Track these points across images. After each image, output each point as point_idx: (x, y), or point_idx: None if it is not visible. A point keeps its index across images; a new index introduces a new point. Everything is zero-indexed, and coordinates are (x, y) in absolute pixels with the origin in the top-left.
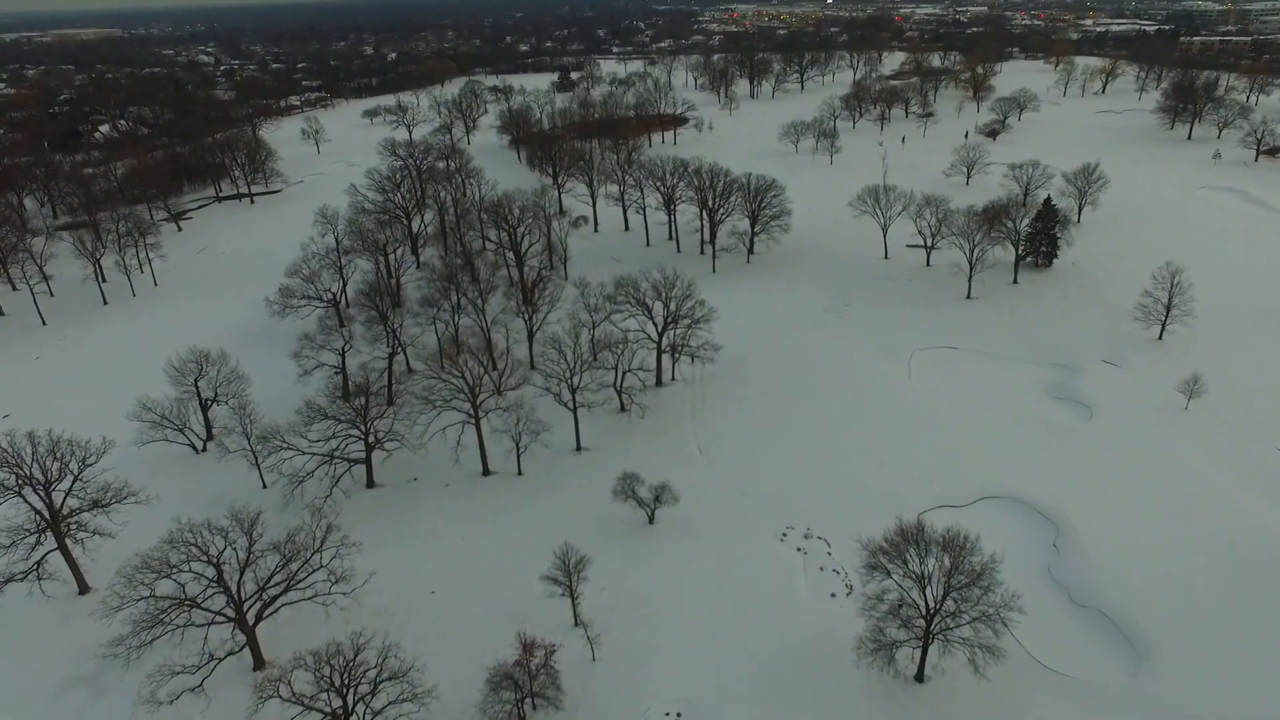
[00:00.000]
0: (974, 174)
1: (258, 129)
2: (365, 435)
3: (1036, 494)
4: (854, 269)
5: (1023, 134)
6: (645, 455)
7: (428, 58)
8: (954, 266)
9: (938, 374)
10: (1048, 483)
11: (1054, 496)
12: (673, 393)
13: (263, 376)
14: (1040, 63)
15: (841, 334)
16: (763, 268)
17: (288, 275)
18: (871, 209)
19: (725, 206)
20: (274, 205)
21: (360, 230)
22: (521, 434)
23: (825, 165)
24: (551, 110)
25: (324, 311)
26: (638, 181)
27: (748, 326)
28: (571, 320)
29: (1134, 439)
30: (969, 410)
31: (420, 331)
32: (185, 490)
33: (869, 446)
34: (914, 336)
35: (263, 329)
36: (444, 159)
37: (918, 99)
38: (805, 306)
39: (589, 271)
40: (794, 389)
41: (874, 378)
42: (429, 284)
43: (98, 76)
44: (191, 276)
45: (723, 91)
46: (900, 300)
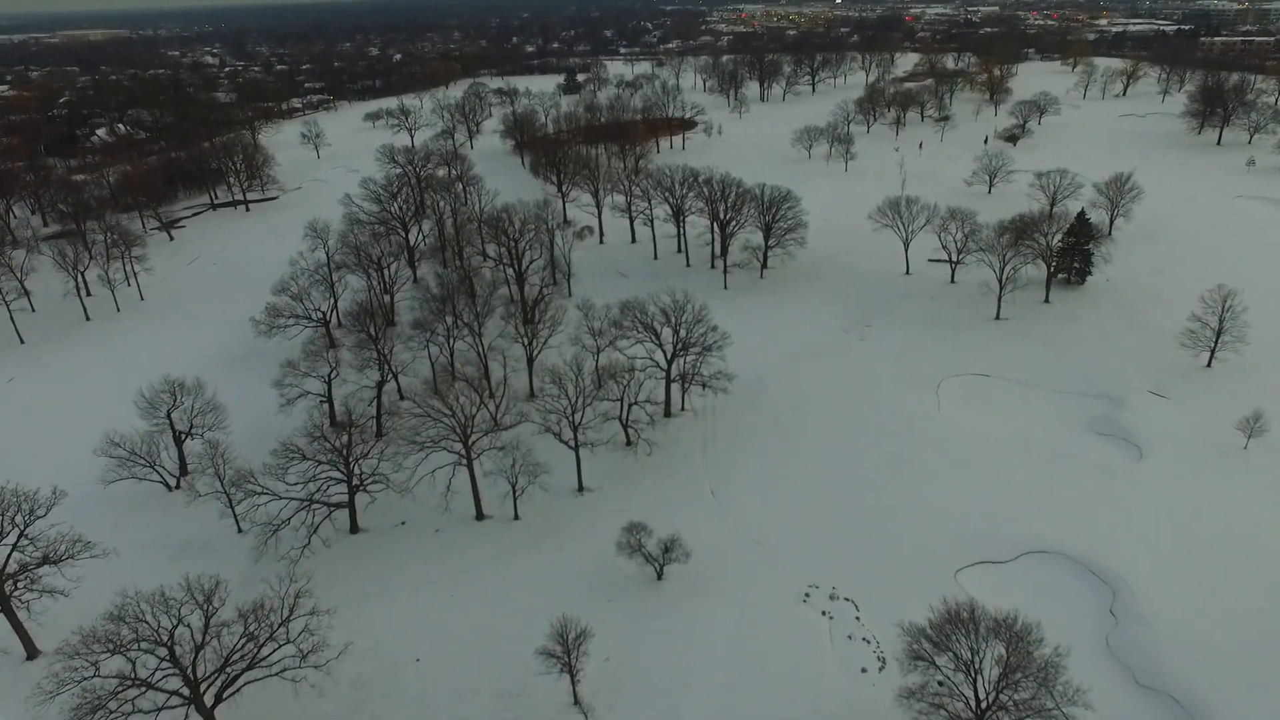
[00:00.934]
0: (996, 182)
1: (257, 133)
2: (348, 477)
3: (1086, 549)
4: (873, 285)
5: (1044, 139)
6: (653, 498)
7: (432, 59)
8: (982, 285)
9: (969, 405)
10: (1098, 535)
11: (1106, 552)
12: (682, 425)
13: (244, 404)
14: (1057, 64)
15: (862, 358)
16: (777, 284)
17: (275, 293)
18: (892, 222)
19: (737, 219)
20: (270, 213)
21: (353, 244)
22: (518, 477)
23: (840, 172)
24: (557, 114)
25: (313, 332)
26: (645, 192)
27: (762, 349)
28: (574, 344)
29: (1191, 484)
30: (1006, 448)
31: (412, 358)
32: (153, 534)
33: (897, 490)
34: (941, 362)
35: (248, 349)
36: (445, 164)
37: (933, 102)
38: (823, 327)
39: (594, 287)
40: (813, 421)
41: (900, 410)
42: (423, 305)
43: (101, 78)
44: (179, 290)
45: (732, 94)
46: (924, 320)
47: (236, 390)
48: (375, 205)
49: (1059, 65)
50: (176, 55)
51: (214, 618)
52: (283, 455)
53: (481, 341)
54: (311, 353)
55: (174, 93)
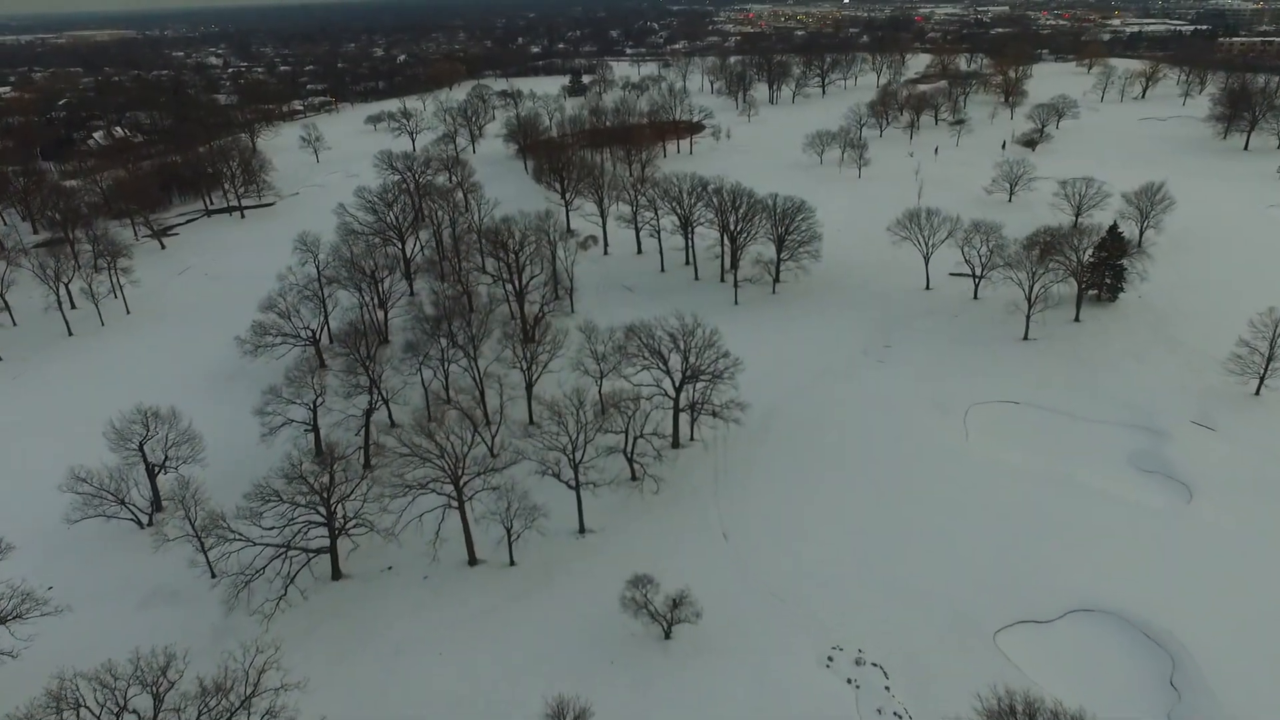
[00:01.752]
0: (1017, 190)
1: (256, 136)
2: (329, 521)
3: (1139, 607)
4: (892, 302)
5: (1063, 143)
6: (660, 540)
7: (436, 60)
8: (1009, 304)
9: (1000, 435)
10: (1150, 590)
11: (1161, 611)
12: (692, 457)
13: (226, 431)
14: (1072, 65)
15: (883, 382)
16: (790, 299)
17: (262, 310)
18: (912, 235)
19: (748, 231)
20: (266, 220)
21: (344, 258)
22: (514, 520)
23: (853, 178)
24: (561, 118)
25: (301, 351)
26: (651, 201)
27: (776, 372)
28: (576, 369)
29: (1250, 530)
30: (1042, 486)
31: (403, 385)
32: (120, 579)
33: (926, 535)
34: (967, 386)
35: (234, 369)
36: (446, 169)
37: (948, 105)
38: (840, 347)
39: (598, 302)
40: (832, 453)
41: (925, 440)
42: (416, 325)
43: (103, 80)
44: (167, 302)
45: (740, 96)
46: (947, 340)
47: (219, 415)
48: (370, 215)
49: (1074, 66)
50: (181, 56)
51: (168, 695)
52: (257, 498)
53: (477, 365)
54: (295, 379)
55: (173, 95)
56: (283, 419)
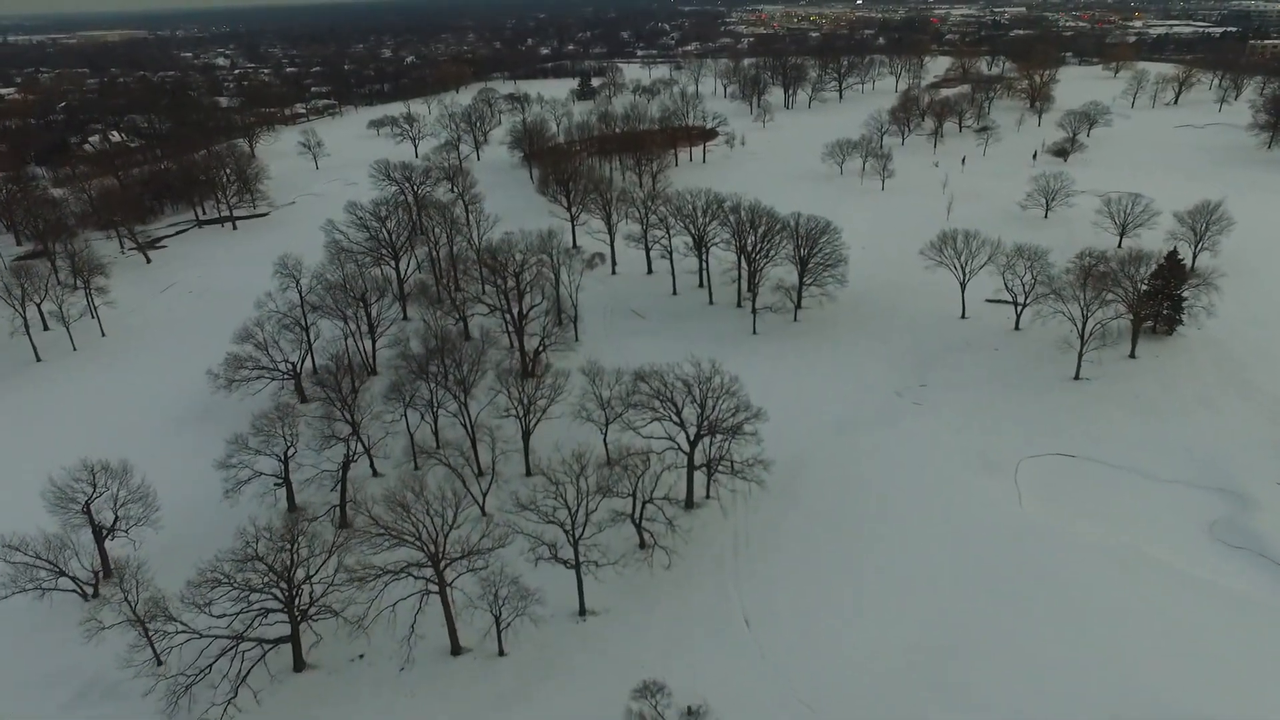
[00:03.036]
0: (1054, 206)
1: (255, 141)
2: (290, 603)
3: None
4: (925, 332)
5: (1097, 153)
6: (672, 628)
7: (443, 62)
8: (1059, 340)
9: (1057, 498)
10: (1244, 699)
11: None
12: (708, 521)
13: (187, 484)
14: (1097, 69)
15: (921, 430)
16: (814, 328)
17: (238, 341)
18: (948, 260)
19: (767, 252)
20: (259, 231)
21: (331, 283)
22: (503, 607)
23: (876, 190)
24: (569, 124)
25: (279, 387)
26: (663, 220)
27: (800, 416)
28: (578, 416)
29: None
30: (1111, 564)
31: (384, 434)
32: (52, 667)
33: (981, 627)
34: (1016, 436)
35: (207, 404)
36: (447, 178)
37: (972, 111)
38: (871, 386)
39: (604, 330)
40: (867, 517)
41: (972, 504)
42: (401, 363)
43: (109, 81)
44: (145, 324)
45: (755, 101)
46: (989, 379)
47: (183, 461)
48: (363, 232)
49: (1100, 70)
50: (189, 57)
51: None
52: (205, 583)
53: (468, 411)
54: (262, 428)
55: (173, 98)
56: (250, 471)
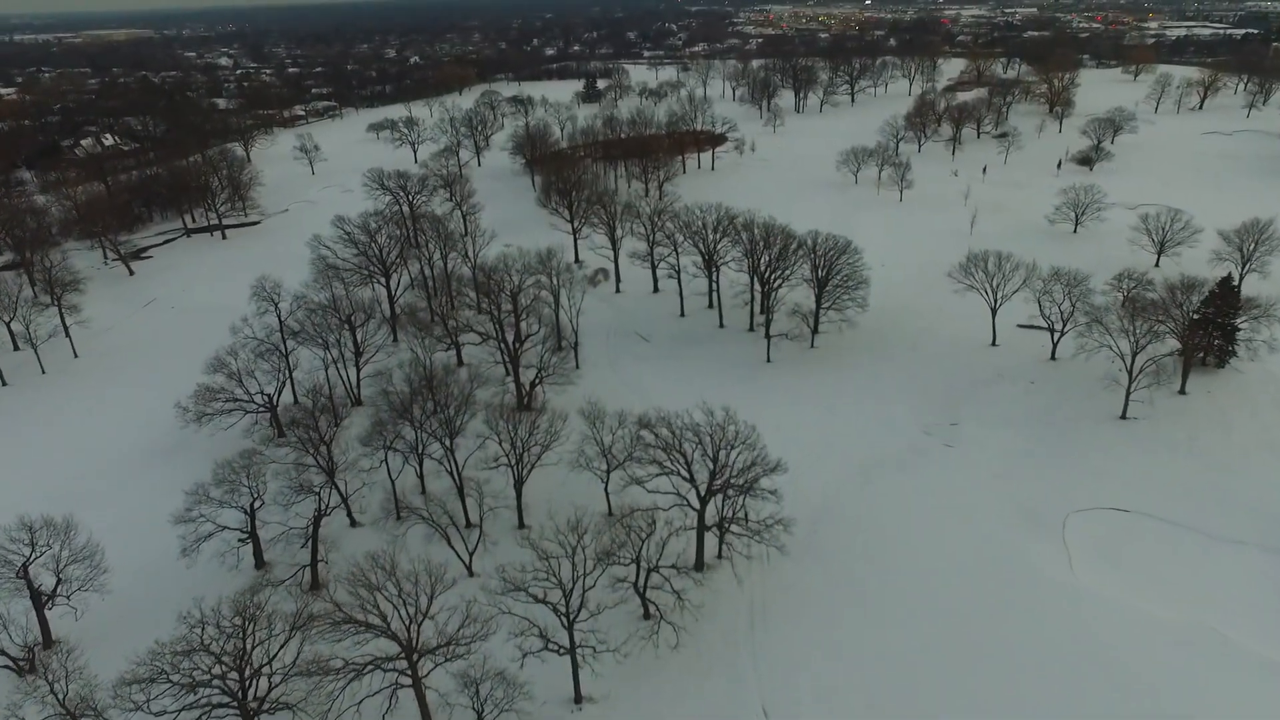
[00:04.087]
0: (1085, 220)
1: (250, 145)
2: (242, 698)
3: None
4: (954, 362)
5: (1124, 162)
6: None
7: (447, 63)
8: (1104, 377)
9: (1113, 562)
10: None
11: None
12: (720, 587)
13: (143, 536)
14: (1116, 72)
15: (954, 476)
16: (832, 356)
17: (209, 371)
18: (979, 285)
19: (781, 272)
20: (249, 240)
21: (314, 306)
22: (485, 704)
23: (894, 201)
24: (573, 129)
25: (253, 420)
26: (670, 237)
27: (820, 458)
28: (576, 464)
29: None
30: (1179, 645)
31: (361, 485)
32: None
33: (1033, 718)
34: (1061, 485)
35: (174, 441)
36: (445, 185)
37: (990, 116)
38: (896, 423)
39: (607, 354)
40: (898, 582)
41: (1017, 567)
42: (384, 402)
43: (109, 82)
44: (121, 344)
45: (765, 105)
46: (1027, 417)
47: (145, 504)
48: (351, 247)
49: (1119, 73)
50: (192, 56)
51: None
52: (140, 681)
53: (454, 458)
54: (225, 478)
55: (170, 99)
56: (212, 525)
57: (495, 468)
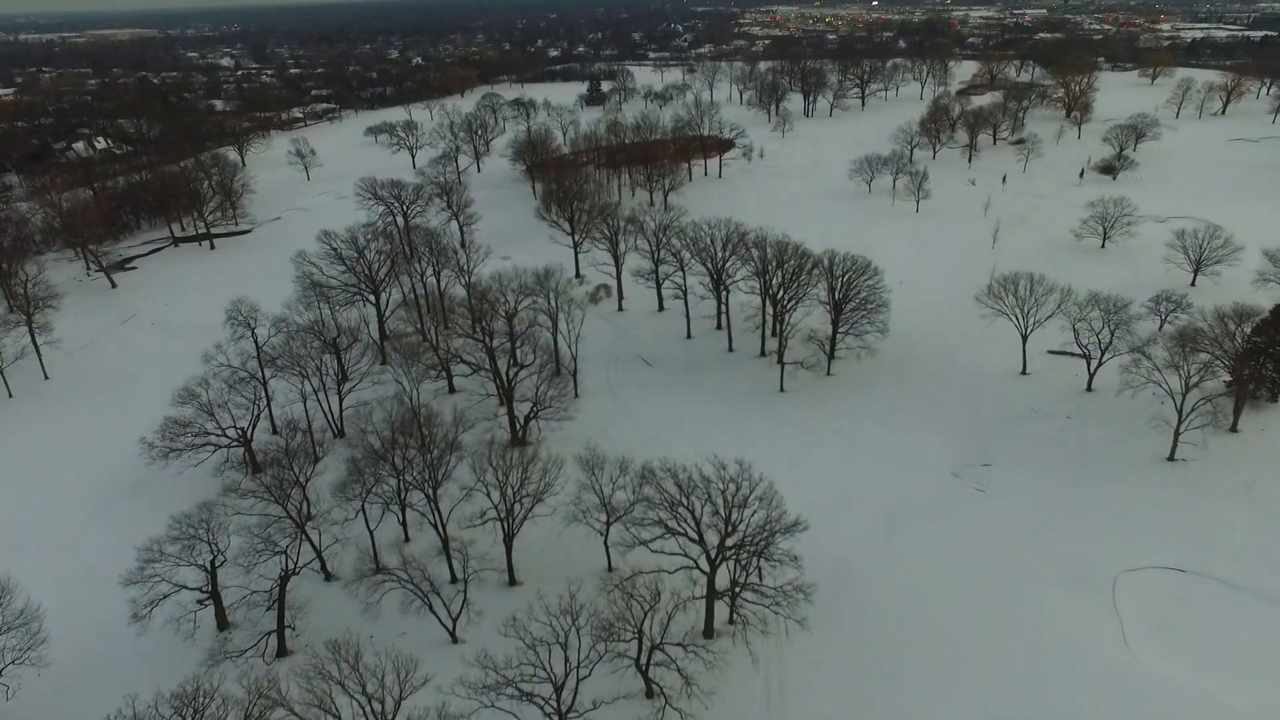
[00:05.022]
0: (1115, 235)
1: (245, 149)
2: None
3: None
4: (981, 393)
5: (1149, 171)
6: None
7: (450, 64)
8: (1145, 407)
9: (1171, 633)
10: None
11: None
12: (732, 662)
13: (95, 591)
14: (1133, 75)
15: (989, 527)
16: (850, 384)
17: (177, 403)
18: (1010, 310)
19: (795, 293)
20: (238, 251)
21: (295, 328)
22: None
23: (910, 213)
24: (575, 134)
25: (224, 457)
26: (677, 255)
27: (841, 504)
28: (572, 519)
29: None
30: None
31: (334, 541)
32: None
33: None
34: (1107, 538)
35: (139, 477)
36: (443, 194)
37: (1008, 122)
38: (923, 464)
39: (608, 381)
40: (930, 659)
41: (1063, 639)
42: (361, 444)
43: (108, 82)
44: (95, 365)
45: (773, 109)
46: (1065, 458)
47: (102, 551)
48: (339, 264)
49: (1135, 77)
50: (194, 57)
51: None
52: None
53: (438, 510)
54: (182, 535)
55: (165, 102)
56: (167, 585)
57: (481, 523)
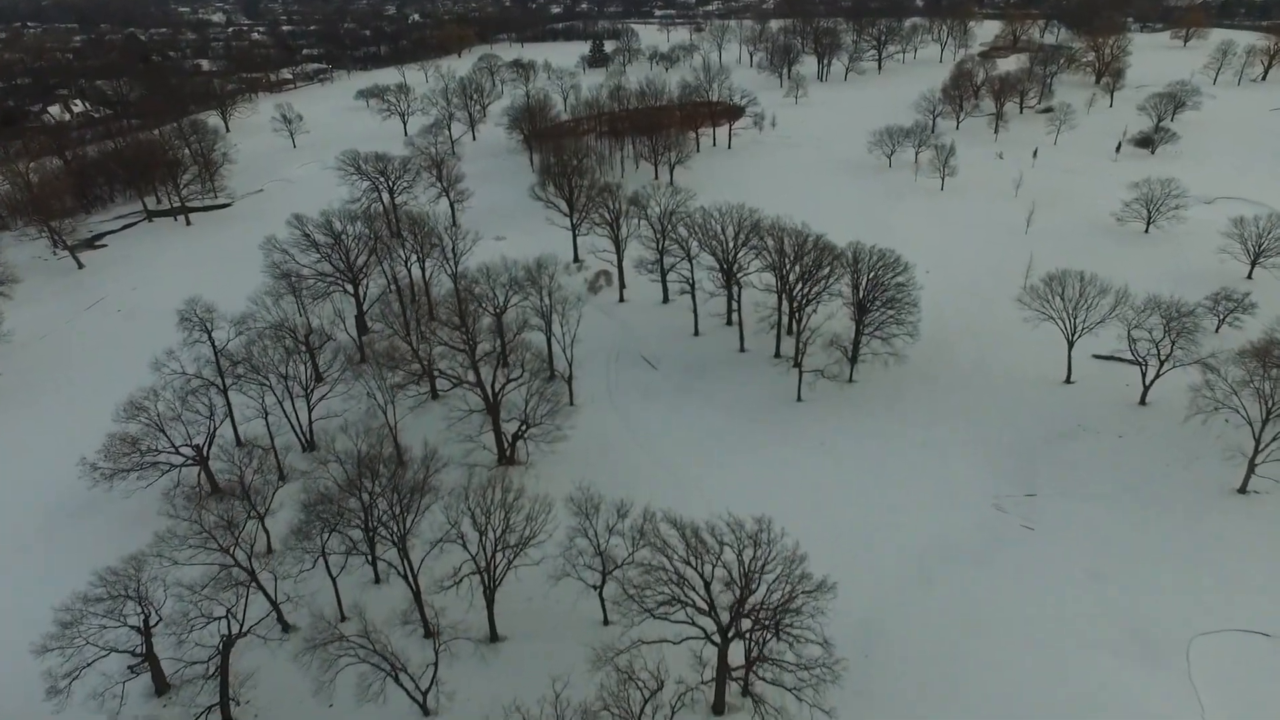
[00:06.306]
0: (1162, 219)
1: (228, 113)
2: None
3: None
4: (1023, 405)
5: (1189, 144)
6: None
7: (447, 22)
8: (1206, 425)
9: (1258, 713)
10: None
11: None
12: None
13: (12, 661)
14: (1164, 37)
15: (1038, 576)
16: (875, 394)
17: (122, 418)
18: (1057, 313)
19: (813, 288)
20: (216, 226)
21: (253, 337)
22: None
23: (934, 190)
24: (575, 100)
25: (176, 479)
26: (683, 244)
27: (870, 549)
28: (561, 573)
29: None
30: None
31: (286, 596)
32: None
33: None
34: (1175, 593)
35: (82, 502)
36: (434, 166)
37: (1036, 89)
38: (959, 493)
39: (607, 384)
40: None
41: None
42: (317, 489)
43: (94, 39)
44: (51, 359)
45: (785, 73)
46: (1121, 487)
47: (23, 607)
48: (316, 250)
49: (1167, 39)
50: (186, 12)
51: None
52: None
53: (408, 560)
54: (111, 592)
55: (146, 62)
56: (97, 649)
57: (455, 584)
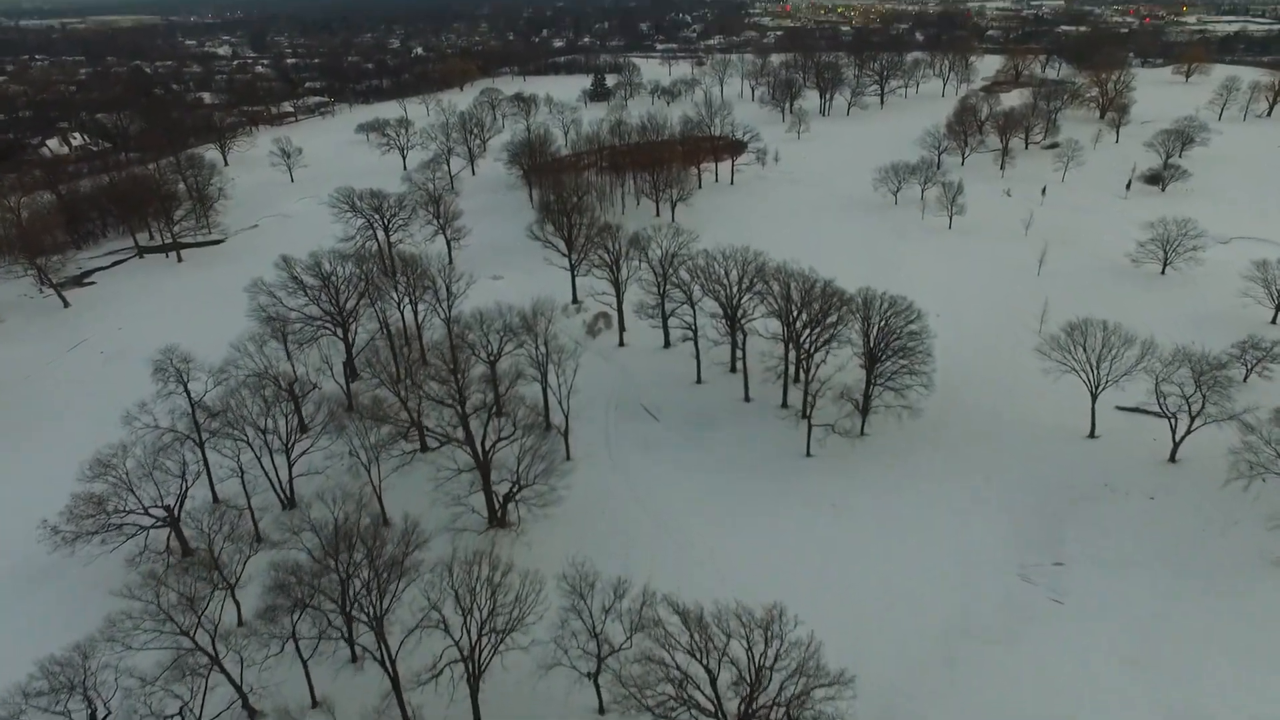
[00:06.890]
0: (1178, 261)
1: (227, 147)
2: None
3: None
4: (1045, 462)
5: (1201, 181)
6: None
7: (450, 56)
8: (1241, 485)
9: None
10: None
11: None
12: None
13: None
14: (1165, 72)
15: (1071, 658)
16: (888, 448)
17: (88, 477)
18: (1081, 366)
19: (821, 335)
20: (208, 263)
21: (232, 386)
22: None
23: (942, 229)
24: (576, 135)
25: (142, 545)
26: (684, 289)
27: (884, 624)
28: (552, 662)
29: None
30: None
31: (257, 677)
32: None
33: None
34: (1224, 684)
35: (40, 568)
36: (431, 202)
37: (1041, 124)
38: (982, 562)
39: (604, 436)
40: None
41: None
42: (283, 583)
43: (100, 71)
44: (25, 409)
45: (787, 107)
46: (1154, 554)
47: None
48: (304, 293)
49: (1169, 74)
50: (193, 45)
51: None
52: None
53: (386, 646)
54: (55, 685)
55: (148, 96)
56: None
57: (434, 678)
